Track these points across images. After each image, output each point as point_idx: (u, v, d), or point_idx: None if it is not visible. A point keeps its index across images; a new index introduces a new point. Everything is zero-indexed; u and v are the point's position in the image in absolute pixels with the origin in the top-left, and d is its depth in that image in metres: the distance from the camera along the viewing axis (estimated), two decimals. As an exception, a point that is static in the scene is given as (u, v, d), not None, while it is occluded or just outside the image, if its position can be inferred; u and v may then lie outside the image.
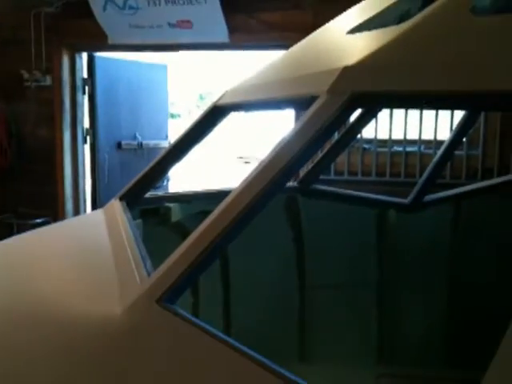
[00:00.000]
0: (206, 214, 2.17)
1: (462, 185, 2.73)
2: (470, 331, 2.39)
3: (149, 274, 1.15)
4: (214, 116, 1.93)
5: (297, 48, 1.72)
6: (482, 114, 3.66)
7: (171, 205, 2.06)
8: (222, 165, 14.57)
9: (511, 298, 2.33)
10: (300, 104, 1.25)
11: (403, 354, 2.48)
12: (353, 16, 1.58)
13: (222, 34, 4.43)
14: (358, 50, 1.14)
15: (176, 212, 2.09)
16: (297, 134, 1.05)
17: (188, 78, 19.71)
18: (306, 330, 2.45)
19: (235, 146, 17.01)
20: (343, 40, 1.35)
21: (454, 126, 2.68)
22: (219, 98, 1.91)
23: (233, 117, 2.05)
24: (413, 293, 2.50)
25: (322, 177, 2.59)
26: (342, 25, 1.56)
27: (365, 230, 2.49)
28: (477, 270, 2.49)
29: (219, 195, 2.29)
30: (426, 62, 0.99)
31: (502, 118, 3.79)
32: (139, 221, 1.86)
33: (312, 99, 1.10)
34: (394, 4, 1.38)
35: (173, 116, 18.51)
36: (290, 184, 2.46)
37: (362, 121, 2.27)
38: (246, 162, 14.53)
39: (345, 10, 1.78)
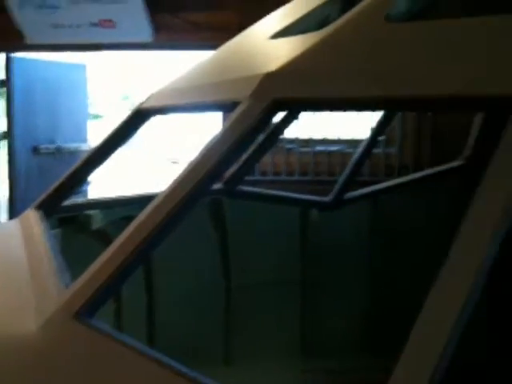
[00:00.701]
0: (129, 219, 2.11)
1: (380, 182, 2.85)
2: (389, 325, 2.48)
3: (67, 287, 1.09)
4: (137, 120, 1.89)
5: (221, 51, 1.71)
6: (399, 114, 3.82)
7: (91, 212, 1.99)
8: (150, 166, 14.33)
9: (426, 290, 2.61)
10: (225, 108, 1.24)
11: (327, 348, 2.56)
12: (276, 20, 1.60)
13: (145, 33, 4.36)
14: (280, 56, 1.14)
15: (97, 219, 2.02)
16: (220, 139, 1.04)
17: (112, 78, 19.22)
18: (232, 332, 2.45)
19: (163, 147, 16.78)
20: (266, 45, 1.35)
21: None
22: (143, 102, 1.87)
23: (161, 118, 2.02)
24: (335, 288, 2.57)
25: (246, 178, 2.60)
26: (265, 28, 1.56)
27: (288, 229, 2.54)
28: (394, 264, 2.59)
29: (143, 200, 2.27)
30: (342, 69, 1.00)
31: (418, 117, 3.97)
32: (58, 230, 1.78)
33: (235, 104, 1.10)
34: (315, 9, 1.40)
35: (95, 117, 17.98)
36: (215, 186, 2.45)
37: (285, 122, 2.29)
38: (174, 163, 14.36)
39: (271, 11, 1.79)
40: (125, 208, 2.11)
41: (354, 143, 4.03)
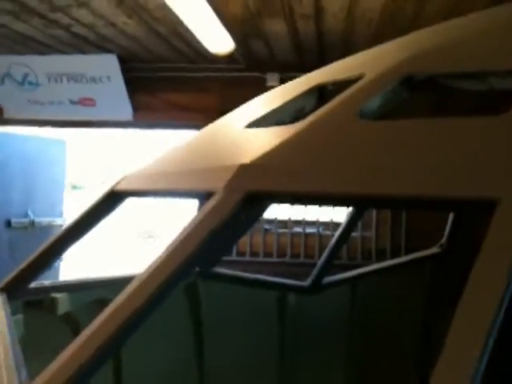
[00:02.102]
0: (100, 303, 2.02)
1: (358, 265, 2.88)
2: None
3: (23, 385, 1.02)
4: (110, 201, 1.86)
5: (198, 138, 1.73)
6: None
7: (59, 295, 1.91)
8: (123, 241, 14.11)
9: (405, 372, 2.60)
10: (201, 196, 1.24)
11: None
12: (254, 108, 1.63)
13: (125, 112, 4.43)
14: (254, 148, 1.15)
15: (65, 303, 1.94)
16: (193, 231, 1.02)
17: (93, 150, 19.40)
18: None
19: (137, 221, 16.65)
20: (241, 134, 1.37)
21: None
22: (117, 183, 1.86)
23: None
24: (313, 374, 2.52)
25: (224, 258, 2.57)
26: (242, 116, 1.59)
27: (266, 314, 2.49)
28: (371, 351, 2.58)
29: (114, 282, 2.21)
30: (315, 164, 1.01)
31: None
32: (20, 316, 1.69)
33: (209, 195, 1.09)
34: (291, 101, 1.43)
35: (74, 187, 17.94)
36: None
37: (259, 212, 2.30)
38: (149, 237, 14.19)
39: (251, 95, 1.83)
40: (95, 291, 2.03)
41: (331, 226, 4.06)
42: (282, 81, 4.07)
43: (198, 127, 4.45)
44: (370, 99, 1.11)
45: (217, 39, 2.96)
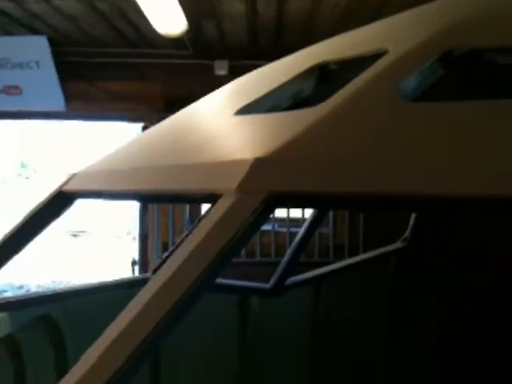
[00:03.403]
0: (45, 319, 1.75)
1: (318, 263, 2.86)
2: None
3: None
4: (58, 204, 1.58)
5: (167, 128, 1.48)
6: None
7: None
8: (47, 239, 13.35)
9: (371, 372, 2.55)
10: (195, 199, 1.00)
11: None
12: (229, 96, 1.40)
13: (57, 102, 4.07)
14: (262, 138, 0.93)
15: (4, 323, 1.67)
16: (204, 245, 0.80)
17: (8, 144, 18.26)
18: None
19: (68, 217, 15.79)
20: (233, 122, 1.13)
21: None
22: (65, 182, 1.58)
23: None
24: (276, 378, 2.43)
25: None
26: (221, 103, 1.36)
27: (226, 320, 2.36)
28: (336, 347, 2.52)
29: (60, 297, 1.96)
30: (358, 156, 0.81)
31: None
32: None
33: (211, 197, 0.86)
34: (285, 84, 1.21)
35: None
36: (145, 275, 2.34)
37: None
38: (74, 235, 13.51)
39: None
40: (37, 308, 1.78)
41: (287, 222, 3.91)
42: (232, 68, 3.85)
43: (141, 119, 4.19)
44: (407, 78, 0.91)
45: (169, 18, 2.68)
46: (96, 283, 2.19)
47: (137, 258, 4.94)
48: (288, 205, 0.89)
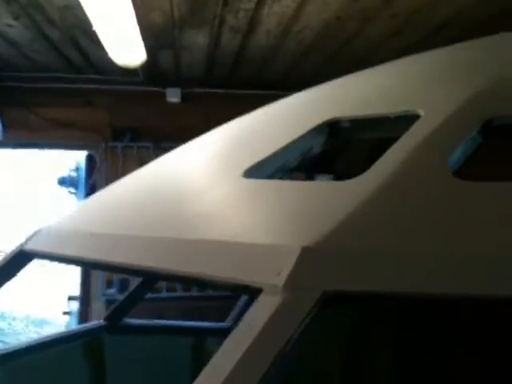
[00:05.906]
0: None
1: None
2: None
3: None
4: (18, 262, 1.42)
5: (150, 181, 1.33)
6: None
7: None
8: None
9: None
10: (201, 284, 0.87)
11: None
12: (231, 147, 1.28)
13: (-8, 129, 3.73)
14: (300, 216, 0.82)
15: None
16: (252, 355, 0.67)
17: None
18: None
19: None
20: (244, 188, 1.01)
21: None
22: (27, 240, 1.40)
23: None
24: None
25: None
26: (220, 159, 1.23)
27: (179, 365, 2.19)
28: None
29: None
30: (418, 248, 0.71)
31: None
32: None
33: (245, 289, 0.74)
34: (294, 141, 1.11)
35: None
36: (96, 323, 2.12)
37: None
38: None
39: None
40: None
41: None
42: (185, 96, 3.69)
43: (87, 147, 3.93)
44: (455, 150, 0.84)
45: (128, 50, 2.51)
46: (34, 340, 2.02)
47: (76, 292, 4.62)
48: (345, 305, 0.78)
